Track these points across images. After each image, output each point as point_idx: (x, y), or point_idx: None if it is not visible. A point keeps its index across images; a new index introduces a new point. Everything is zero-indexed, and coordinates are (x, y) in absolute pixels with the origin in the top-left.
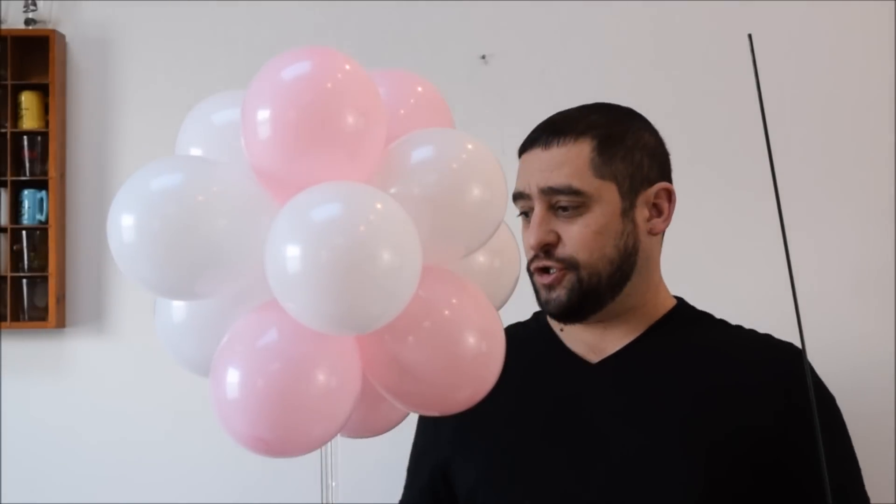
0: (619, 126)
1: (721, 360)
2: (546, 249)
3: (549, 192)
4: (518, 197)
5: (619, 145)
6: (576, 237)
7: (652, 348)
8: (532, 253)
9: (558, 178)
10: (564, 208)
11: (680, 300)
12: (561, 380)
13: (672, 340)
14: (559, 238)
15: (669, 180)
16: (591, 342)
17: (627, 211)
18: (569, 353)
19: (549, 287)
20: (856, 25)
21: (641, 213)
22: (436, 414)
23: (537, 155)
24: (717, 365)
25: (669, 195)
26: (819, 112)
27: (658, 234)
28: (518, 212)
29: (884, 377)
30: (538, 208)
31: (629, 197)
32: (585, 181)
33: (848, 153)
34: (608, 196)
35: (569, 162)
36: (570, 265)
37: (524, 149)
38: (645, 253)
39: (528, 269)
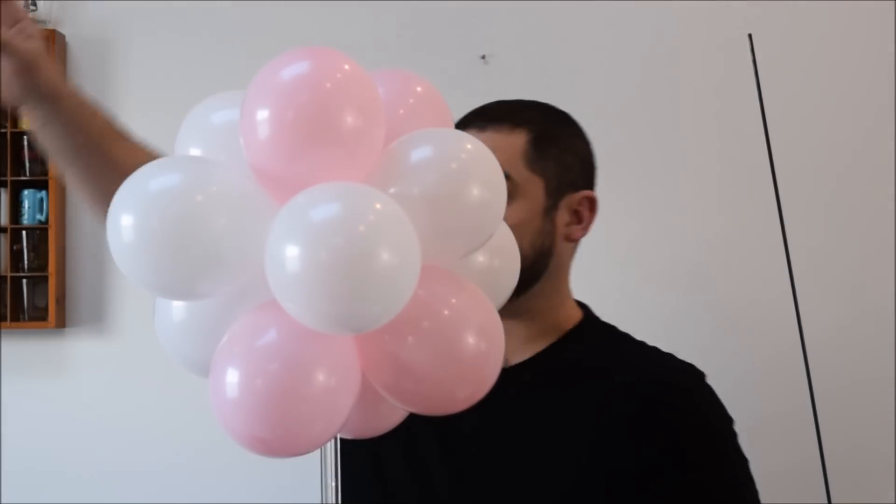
0: (556, 127)
1: (618, 387)
2: None
3: None
4: None
5: (553, 144)
6: None
7: (554, 366)
8: None
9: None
10: None
11: (586, 309)
12: None
13: (575, 360)
14: None
15: (593, 190)
16: None
17: (549, 211)
18: None
19: None
20: (856, 25)
21: (562, 216)
22: (435, 414)
23: (475, 136)
24: (614, 392)
25: (592, 204)
26: (819, 112)
27: (574, 241)
28: None
29: (884, 377)
30: None
31: (553, 197)
32: (515, 170)
33: (848, 153)
34: (534, 191)
35: (502, 148)
36: None
37: (460, 128)
38: (558, 258)
39: None
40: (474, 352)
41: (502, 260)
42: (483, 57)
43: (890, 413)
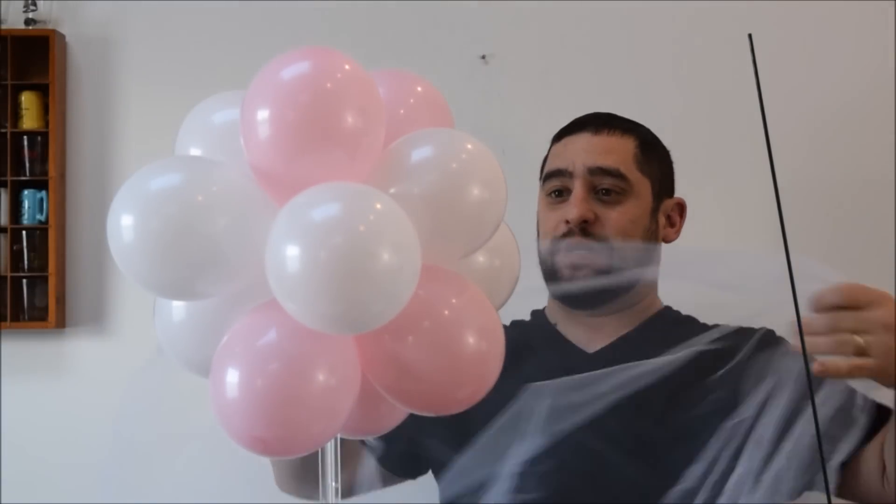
0: (653, 136)
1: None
2: (583, 226)
3: (596, 172)
4: (555, 175)
5: (655, 151)
6: (613, 221)
7: (643, 342)
8: (565, 228)
9: (608, 161)
10: (606, 192)
11: (667, 306)
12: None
13: (660, 336)
14: (597, 218)
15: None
16: (586, 334)
17: (654, 212)
18: (567, 342)
19: (576, 267)
20: (856, 25)
21: (661, 219)
22: (435, 414)
23: (586, 138)
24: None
25: (682, 210)
26: (819, 112)
27: (668, 242)
28: (549, 191)
29: None
30: (580, 187)
31: (657, 200)
32: (630, 170)
33: (848, 153)
34: (644, 191)
35: (617, 150)
36: (602, 247)
37: (567, 132)
38: (657, 256)
39: (543, 251)
40: (474, 352)
41: (502, 260)
42: (483, 57)
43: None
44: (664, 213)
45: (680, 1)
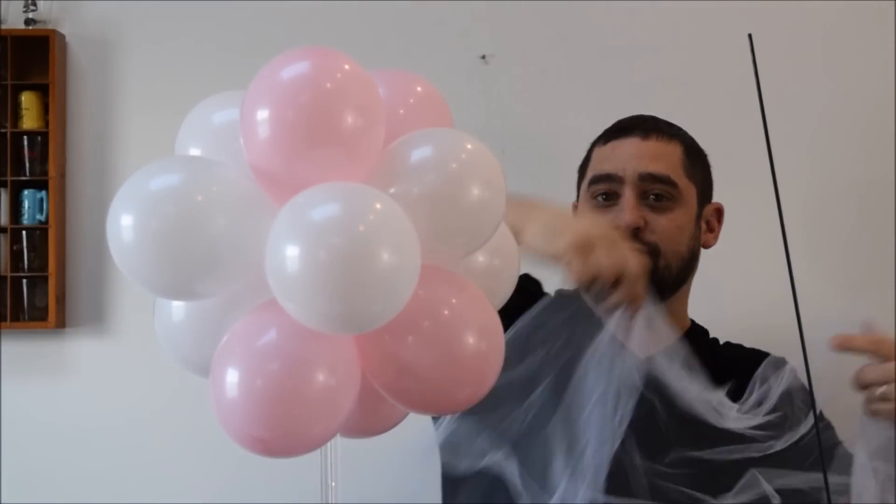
0: (695, 142)
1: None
2: (635, 232)
3: (647, 178)
4: (603, 179)
5: (698, 157)
6: (663, 227)
7: (689, 353)
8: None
9: (658, 167)
10: (657, 197)
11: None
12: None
13: (700, 348)
14: (646, 224)
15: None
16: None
17: (698, 218)
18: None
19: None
20: (856, 25)
21: (702, 224)
22: (435, 413)
23: (635, 143)
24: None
25: (720, 215)
26: (819, 112)
27: (708, 248)
28: (596, 194)
29: None
30: (630, 192)
31: (701, 205)
32: (679, 177)
33: (848, 153)
34: (690, 197)
35: (667, 156)
36: (652, 251)
37: (613, 136)
38: (697, 262)
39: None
40: (474, 352)
41: (502, 260)
42: (483, 57)
43: None
44: (705, 219)
45: (680, 1)
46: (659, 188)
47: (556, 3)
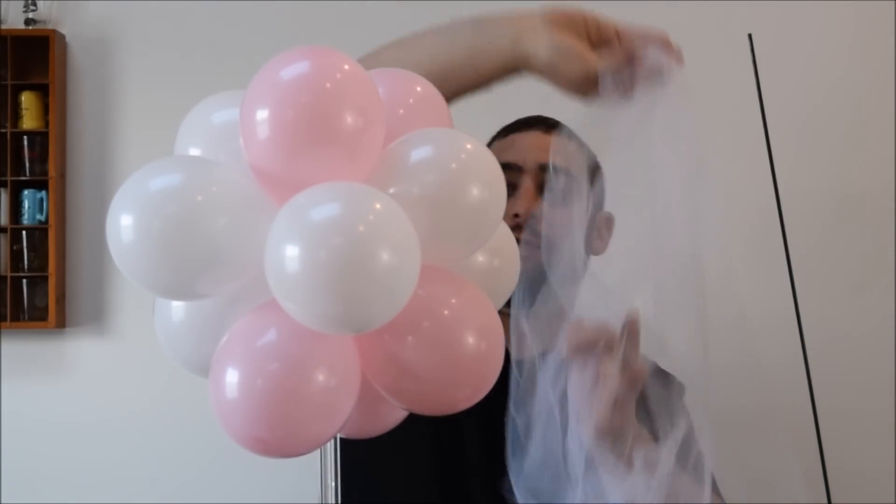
0: (592, 153)
1: None
2: (530, 222)
3: (547, 169)
4: (503, 169)
5: (596, 166)
6: (559, 220)
7: None
8: (512, 222)
9: (559, 161)
10: (555, 190)
11: None
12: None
13: None
14: (543, 215)
15: None
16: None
17: (593, 219)
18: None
19: (523, 258)
20: (856, 25)
21: (594, 230)
22: (435, 414)
23: (537, 136)
24: None
25: (610, 225)
26: (819, 112)
27: (597, 254)
28: None
29: (884, 377)
30: (529, 182)
31: (595, 208)
32: (580, 174)
33: (848, 153)
34: (587, 197)
35: (567, 153)
36: (546, 244)
37: (515, 130)
38: (587, 266)
39: None
40: (474, 352)
41: (502, 260)
42: None
43: (890, 413)
44: (597, 226)
45: (680, 1)
46: (558, 180)
47: (556, 3)
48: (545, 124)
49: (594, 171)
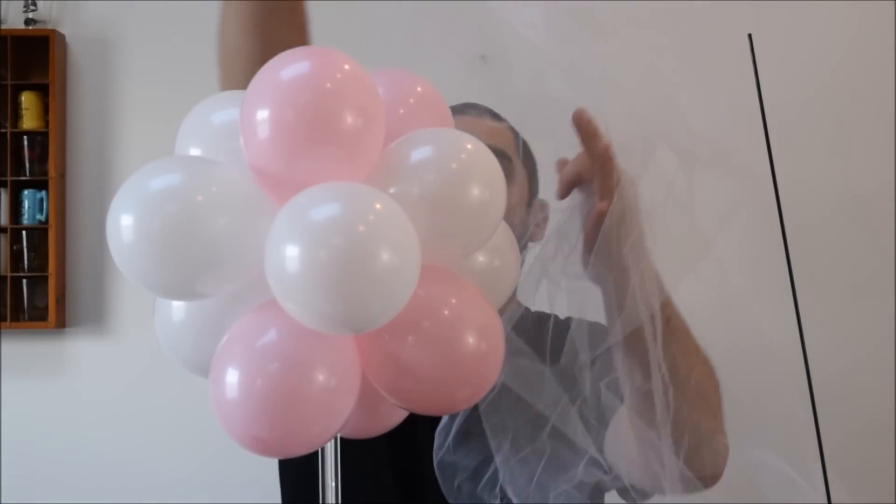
0: (525, 142)
1: None
2: None
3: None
4: None
5: (529, 154)
6: None
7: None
8: None
9: (495, 142)
10: None
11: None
12: None
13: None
14: None
15: None
16: None
17: (528, 206)
18: None
19: None
20: (856, 25)
21: (530, 216)
22: (435, 413)
23: (468, 120)
24: None
25: (545, 211)
26: (819, 112)
27: (535, 241)
28: None
29: (884, 377)
30: None
31: (531, 194)
32: (514, 156)
33: (848, 153)
34: (521, 180)
35: (501, 134)
36: None
37: (454, 113)
38: (523, 252)
39: None
40: (474, 352)
41: (502, 260)
42: (483, 57)
43: (890, 413)
44: (533, 212)
45: (680, 1)
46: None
47: (556, 3)
48: (477, 110)
49: (529, 158)
